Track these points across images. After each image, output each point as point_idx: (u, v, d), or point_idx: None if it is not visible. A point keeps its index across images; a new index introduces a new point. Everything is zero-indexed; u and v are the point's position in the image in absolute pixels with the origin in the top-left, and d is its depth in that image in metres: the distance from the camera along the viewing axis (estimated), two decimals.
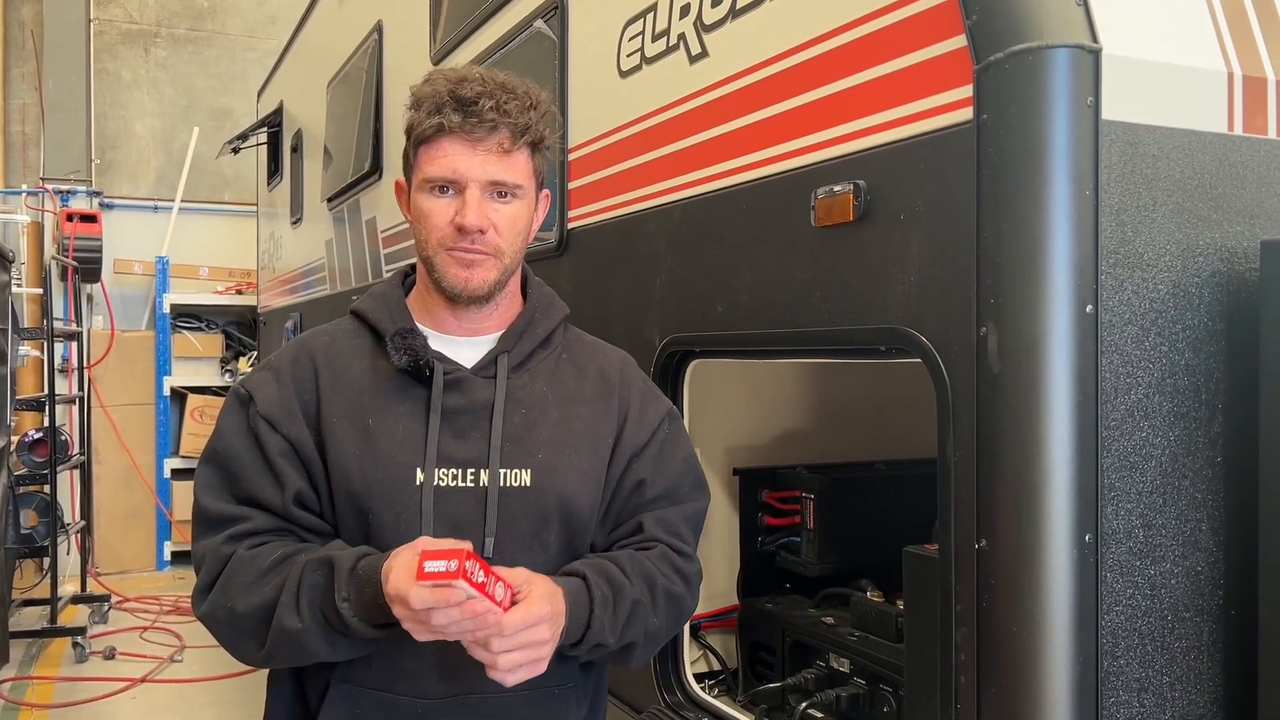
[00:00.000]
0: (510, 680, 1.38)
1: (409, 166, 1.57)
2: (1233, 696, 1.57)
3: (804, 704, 2.09)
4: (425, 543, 1.37)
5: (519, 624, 1.35)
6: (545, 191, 1.63)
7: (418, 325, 1.60)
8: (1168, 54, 1.53)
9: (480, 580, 1.29)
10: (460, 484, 1.52)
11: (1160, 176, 1.51)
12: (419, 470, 1.51)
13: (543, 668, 1.41)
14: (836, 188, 1.74)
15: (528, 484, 1.54)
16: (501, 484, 1.52)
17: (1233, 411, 1.56)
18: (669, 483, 1.64)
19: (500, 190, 1.52)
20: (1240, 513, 1.56)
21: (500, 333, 1.62)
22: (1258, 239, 1.56)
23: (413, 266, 1.69)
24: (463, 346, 1.60)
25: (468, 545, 1.32)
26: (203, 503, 1.54)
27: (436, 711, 1.52)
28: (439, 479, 1.51)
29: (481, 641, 1.35)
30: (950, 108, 1.54)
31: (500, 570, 1.37)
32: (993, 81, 1.48)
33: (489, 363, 1.59)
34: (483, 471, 1.52)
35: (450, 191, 1.51)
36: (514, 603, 1.36)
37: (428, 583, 1.27)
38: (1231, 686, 1.57)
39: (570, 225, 2.68)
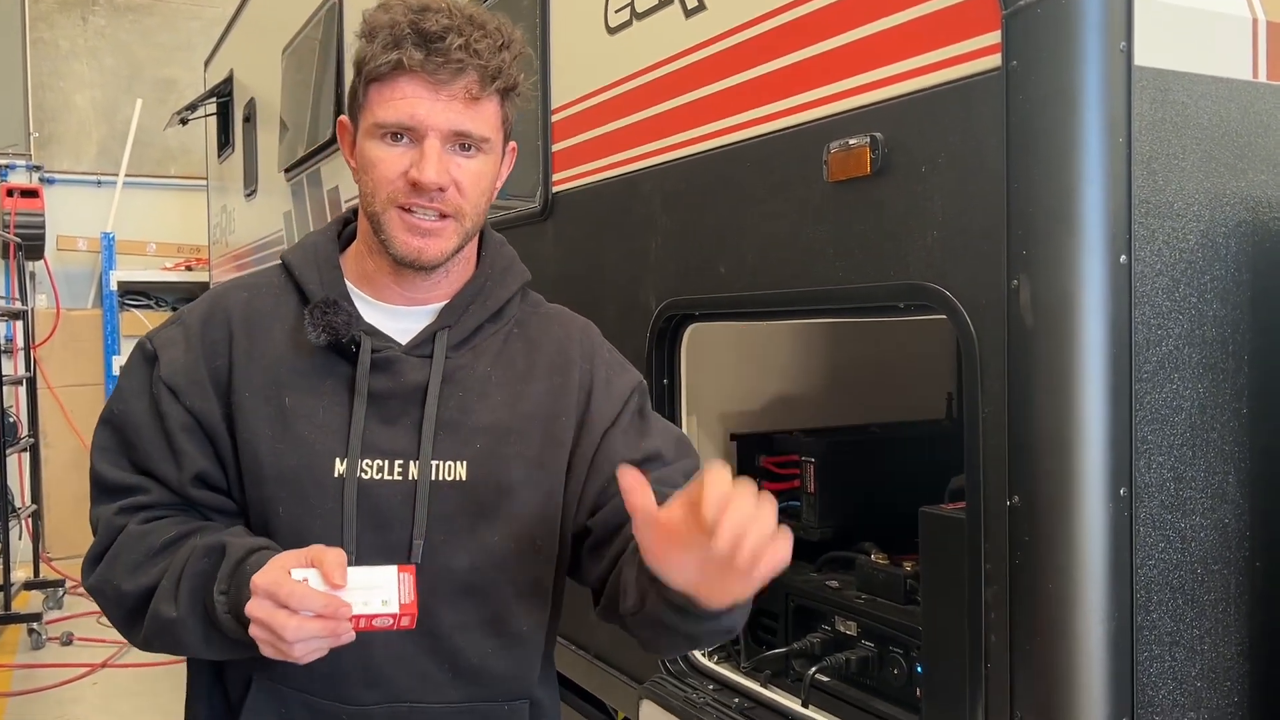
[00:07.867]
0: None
1: (356, 106, 1.36)
2: (1258, 648, 1.57)
3: (813, 668, 2.06)
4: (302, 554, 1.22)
5: None
6: (512, 145, 1.43)
7: (350, 289, 1.42)
8: None
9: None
10: (387, 476, 1.36)
11: (1189, 124, 1.48)
12: (339, 460, 1.35)
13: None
14: (851, 141, 1.69)
15: (463, 477, 1.37)
16: (433, 477, 1.36)
17: (1258, 362, 1.55)
18: (654, 446, 1.46)
19: (464, 142, 1.33)
20: (1265, 465, 1.56)
21: (445, 303, 1.43)
22: None
23: (354, 212, 1.47)
24: (402, 318, 1.42)
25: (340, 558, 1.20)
26: (98, 467, 1.40)
27: (364, 718, 1.38)
28: (363, 470, 1.35)
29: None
30: (976, 55, 1.50)
31: None
32: (1022, 27, 1.44)
33: (426, 339, 1.40)
34: (412, 463, 1.36)
35: (405, 140, 1.31)
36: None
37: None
38: (1256, 638, 1.57)
39: (555, 188, 2.61)
